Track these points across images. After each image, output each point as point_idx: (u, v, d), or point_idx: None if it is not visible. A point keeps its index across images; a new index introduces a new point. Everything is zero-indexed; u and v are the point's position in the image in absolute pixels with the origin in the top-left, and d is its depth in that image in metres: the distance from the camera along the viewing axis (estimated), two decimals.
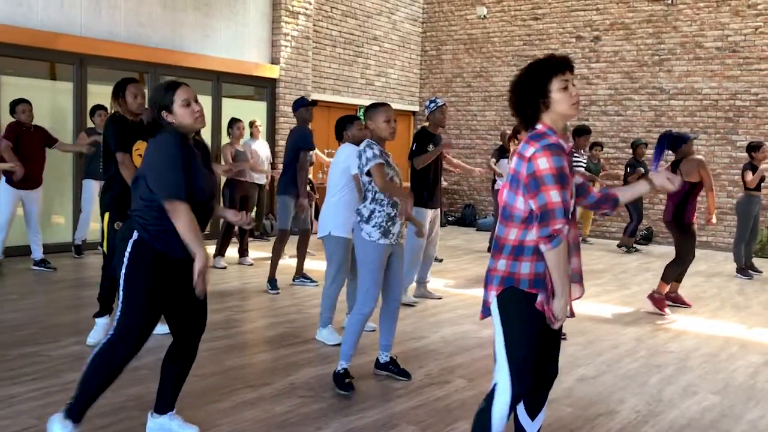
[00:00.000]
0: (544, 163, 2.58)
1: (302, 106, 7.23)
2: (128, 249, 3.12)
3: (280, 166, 10.82)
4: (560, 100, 2.68)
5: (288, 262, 8.32)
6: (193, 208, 3.09)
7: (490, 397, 2.81)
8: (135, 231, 3.13)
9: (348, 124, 5.47)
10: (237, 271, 8.24)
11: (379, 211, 4.24)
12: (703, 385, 4.60)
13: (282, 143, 11.22)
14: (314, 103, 7.40)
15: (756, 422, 3.97)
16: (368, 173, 4.21)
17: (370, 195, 4.27)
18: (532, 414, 2.95)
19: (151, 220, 3.11)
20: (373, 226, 4.24)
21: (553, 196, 2.57)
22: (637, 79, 12.34)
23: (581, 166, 10.09)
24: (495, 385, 2.80)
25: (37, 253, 7.75)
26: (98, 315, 5.05)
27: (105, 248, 4.84)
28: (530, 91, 2.70)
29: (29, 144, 7.36)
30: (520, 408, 2.96)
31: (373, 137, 4.35)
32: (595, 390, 4.40)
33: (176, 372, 3.40)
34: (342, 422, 3.75)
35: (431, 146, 6.49)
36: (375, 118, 4.28)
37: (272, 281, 7.09)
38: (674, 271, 6.68)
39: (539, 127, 2.72)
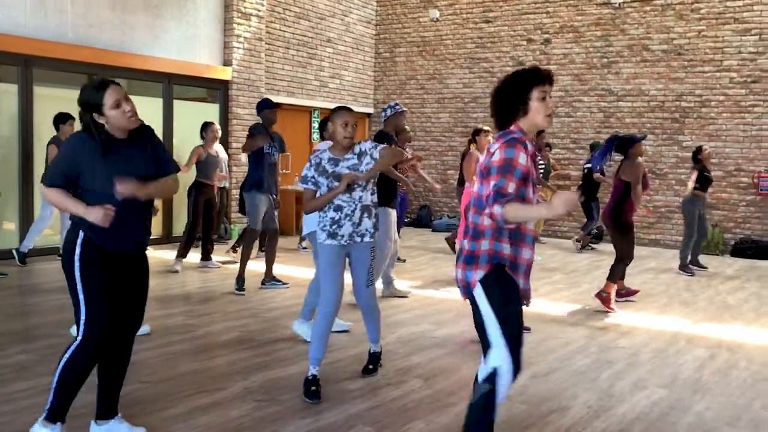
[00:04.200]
0: (498, 155, 2.81)
1: (266, 108, 7.34)
2: (77, 251, 3.18)
3: (234, 168, 10.80)
4: (537, 109, 2.90)
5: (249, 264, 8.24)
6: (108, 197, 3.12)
7: (490, 382, 2.86)
8: (80, 232, 3.20)
9: (328, 123, 5.50)
10: (195, 275, 8.13)
11: (322, 216, 4.32)
12: (652, 379, 4.72)
13: (235, 145, 11.13)
14: (276, 105, 7.47)
15: (702, 414, 4.08)
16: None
17: None
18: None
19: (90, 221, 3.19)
20: (320, 228, 4.33)
21: (501, 181, 2.75)
22: (586, 81, 12.58)
23: (542, 167, 10.26)
24: (495, 369, 2.86)
25: None
26: None
27: None
28: (511, 96, 2.91)
29: None
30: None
31: (331, 139, 4.41)
32: (547, 387, 4.48)
33: (115, 373, 3.41)
34: (298, 425, 3.74)
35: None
36: (334, 120, 4.27)
37: (240, 280, 7.13)
38: (619, 270, 6.85)
39: (511, 128, 2.93)
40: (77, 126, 7.79)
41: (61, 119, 8.08)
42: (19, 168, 8.88)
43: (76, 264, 3.18)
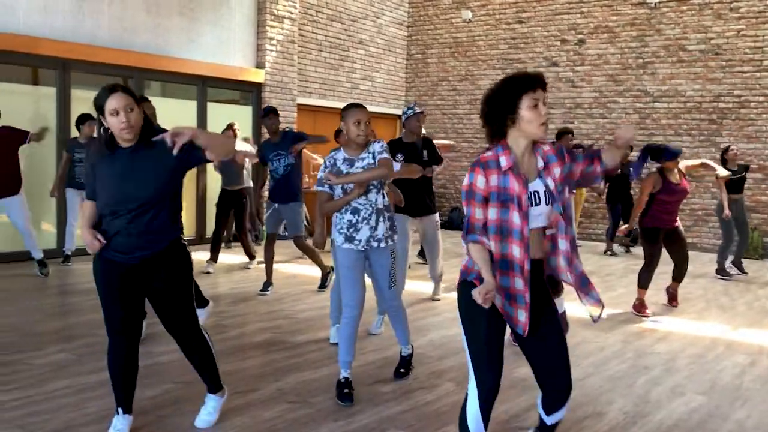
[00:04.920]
0: (465, 180, 2.74)
1: (263, 116, 7.33)
2: (95, 257, 3.40)
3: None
4: (528, 118, 2.67)
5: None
6: (110, 213, 3.27)
7: (463, 404, 2.88)
8: None
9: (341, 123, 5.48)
10: (227, 276, 8.20)
11: (339, 218, 4.29)
12: (690, 385, 4.63)
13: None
14: (275, 111, 7.34)
15: (743, 422, 3.99)
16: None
17: None
18: (547, 411, 2.95)
19: (101, 228, 3.34)
20: (337, 231, 4.30)
21: (467, 209, 2.73)
22: (621, 81, 12.42)
23: None
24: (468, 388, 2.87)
25: (36, 254, 7.66)
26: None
27: None
28: (500, 105, 2.70)
29: None
30: (539, 399, 2.99)
31: (343, 139, 4.34)
32: (582, 392, 4.41)
33: (191, 360, 3.68)
34: (331, 427, 3.73)
35: (399, 156, 6.36)
36: (346, 119, 4.18)
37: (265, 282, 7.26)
38: (645, 276, 6.73)
39: (493, 146, 2.76)
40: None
41: (80, 120, 8.20)
42: (56, 170, 9.04)
43: (93, 268, 3.42)
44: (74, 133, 8.63)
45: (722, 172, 7.50)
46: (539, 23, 13.23)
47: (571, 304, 6.84)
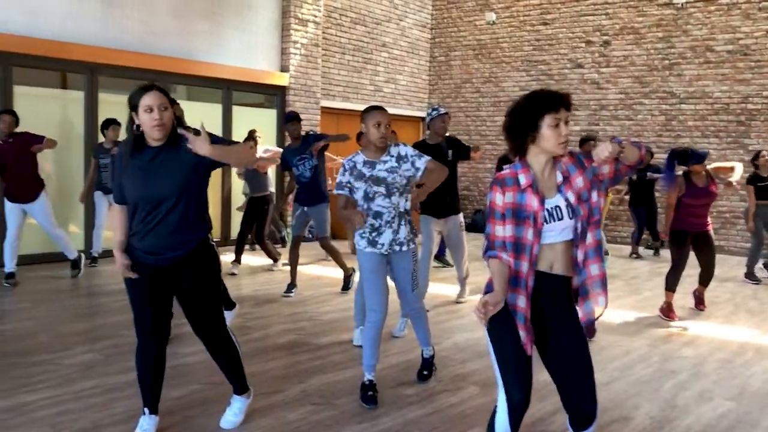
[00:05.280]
0: (487, 198, 2.77)
1: (287, 121, 7.38)
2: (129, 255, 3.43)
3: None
4: (548, 137, 2.66)
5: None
6: (138, 210, 3.31)
7: (492, 413, 2.86)
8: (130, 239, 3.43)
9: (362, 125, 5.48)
10: (252, 278, 8.25)
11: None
12: (718, 390, 4.56)
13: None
14: (297, 117, 7.42)
15: None
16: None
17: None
18: (575, 428, 2.86)
19: (132, 231, 3.39)
20: (359, 235, 4.27)
21: (487, 227, 2.74)
22: (647, 83, 12.30)
23: None
24: (497, 403, 2.84)
25: (70, 254, 7.78)
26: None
27: None
28: (522, 122, 2.70)
29: (11, 157, 7.14)
30: (567, 418, 2.92)
31: (365, 141, 4.32)
32: (608, 396, 4.37)
33: (218, 361, 3.71)
34: (354, 430, 3.74)
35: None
36: (366, 122, 4.18)
37: (289, 283, 7.29)
38: (671, 279, 6.65)
39: (514, 162, 2.78)
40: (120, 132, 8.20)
41: (105, 125, 8.29)
42: (84, 172, 9.17)
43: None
44: (101, 137, 8.74)
45: (735, 177, 7.35)
46: (564, 25, 13.15)
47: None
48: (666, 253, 11.12)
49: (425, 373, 4.60)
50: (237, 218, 9.45)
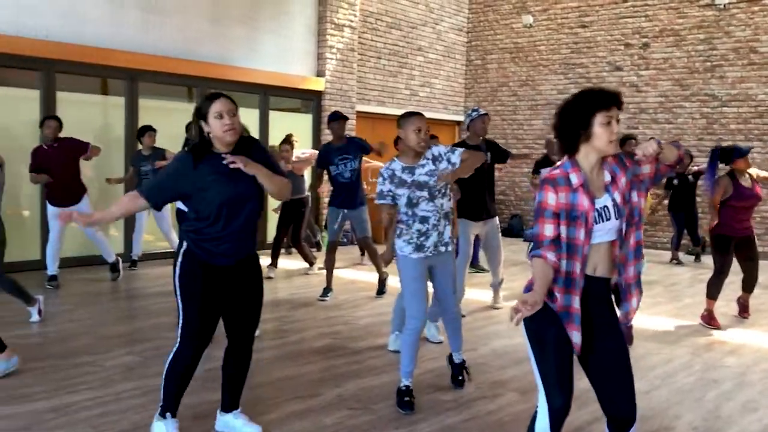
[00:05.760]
0: (536, 198, 2.72)
1: (332, 120, 7.37)
2: (179, 259, 3.38)
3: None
4: (600, 135, 2.64)
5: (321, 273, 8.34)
6: (222, 214, 3.31)
7: (533, 417, 2.82)
8: (184, 242, 3.39)
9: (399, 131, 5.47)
10: (287, 282, 8.30)
11: (406, 229, 4.23)
12: (764, 401, 4.44)
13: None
14: (345, 118, 7.41)
15: None
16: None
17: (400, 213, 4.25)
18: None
19: (193, 232, 3.37)
20: (404, 241, 4.24)
21: (535, 227, 2.69)
22: (688, 86, 12.08)
23: None
24: (536, 408, 2.80)
25: (109, 257, 7.92)
26: None
27: None
28: (574, 120, 2.68)
29: (55, 162, 7.29)
30: (606, 423, 2.87)
31: (403, 147, 4.29)
32: (648, 405, 4.29)
33: (234, 371, 3.62)
34: None
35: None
36: (405, 127, 4.17)
37: (325, 287, 7.30)
38: (713, 286, 6.49)
39: (564, 160, 2.74)
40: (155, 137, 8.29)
41: (141, 132, 8.40)
42: (124, 176, 9.32)
43: (177, 272, 3.39)
44: (138, 144, 8.88)
45: None
46: (602, 27, 12.99)
47: (640, 315, 6.68)
48: (707, 260, 10.89)
49: (461, 378, 4.56)
50: (272, 221, 9.51)
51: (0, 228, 5.59)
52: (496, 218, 6.68)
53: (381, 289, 7.47)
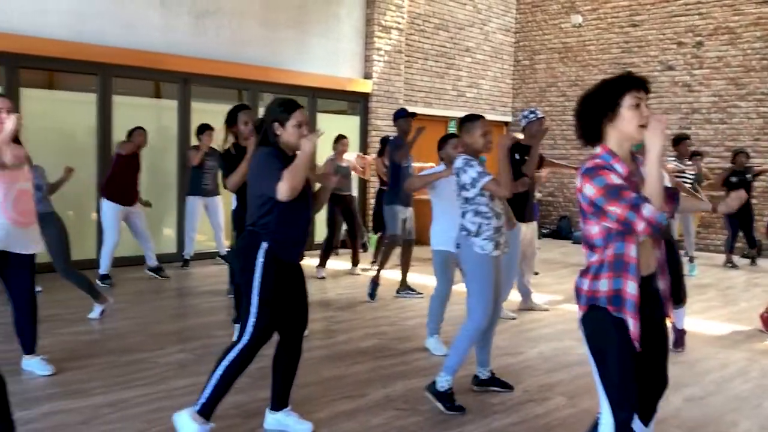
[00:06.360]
0: (590, 189, 2.52)
1: (400, 117, 7.42)
2: (260, 259, 3.43)
3: (372, 179, 10.99)
4: (629, 118, 2.52)
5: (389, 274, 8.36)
6: (294, 208, 3.45)
7: (593, 429, 2.72)
8: (263, 242, 3.44)
9: (443, 144, 5.48)
10: (334, 282, 8.36)
11: (486, 225, 4.16)
12: None
13: (374, 156, 11.33)
14: (413, 114, 7.53)
15: None
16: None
17: (472, 209, 4.19)
18: (646, 419, 2.78)
19: (274, 231, 3.44)
20: (484, 239, 4.15)
21: (616, 209, 2.47)
22: (743, 85, 11.76)
23: (688, 180, 9.44)
24: (599, 416, 2.68)
25: (151, 261, 8.14)
26: (237, 321, 5.28)
27: None
28: (599, 102, 2.57)
29: (123, 163, 7.71)
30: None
31: (467, 151, 4.29)
32: (703, 411, 4.20)
33: (286, 369, 3.69)
34: None
35: (525, 157, 6.32)
36: (472, 131, 4.21)
37: (374, 285, 7.29)
38: None
39: (597, 150, 2.61)
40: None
41: (200, 130, 8.62)
42: (177, 178, 9.53)
43: (257, 271, 3.43)
44: (193, 142, 9.06)
45: None
46: (654, 26, 12.74)
47: (694, 320, 6.55)
48: (764, 263, 10.59)
49: (503, 381, 4.53)
50: (321, 222, 9.58)
51: (60, 224, 5.86)
52: (535, 222, 6.83)
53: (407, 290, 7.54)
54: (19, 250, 4.33)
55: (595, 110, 2.58)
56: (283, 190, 3.32)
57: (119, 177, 7.68)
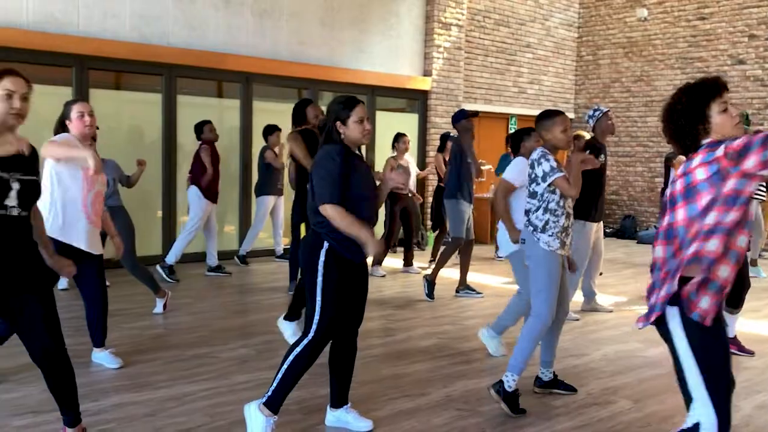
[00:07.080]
0: (703, 173, 2.49)
1: (463, 117, 7.37)
2: (322, 258, 3.46)
3: (431, 177, 10.94)
4: (722, 123, 2.53)
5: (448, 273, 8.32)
6: (359, 206, 3.46)
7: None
8: (325, 241, 3.46)
9: (525, 137, 5.40)
10: (393, 280, 8.35)
11: (554, 222, 4.08)
12: None
13: (432, 154, 11.29)
14: (474, 113, 7.53)
15: None
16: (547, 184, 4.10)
17: (542, 206, 4.11)
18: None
19: (334, 230, 3.44)
20: (550, 236, 4.07)
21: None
22: None
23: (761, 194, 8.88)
24: (697, 424, 2.50)
25: (213, 260, 8.32)
26: (288, 318, 5.35)
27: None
28: (688, 118, 2.56)
29: (215, 161, 8.06)
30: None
31: (546, 147, 4.19)
32: (760, 424, 4.03)
33: (343, 366, 3.72)
34: None
35: (602, 157, 6.24)
36: (552, 128, 4.10)
37: (431, 285, 7.25)
38: None
39: (707, 141, 2.56)
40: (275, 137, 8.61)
41: (268, 131, 8.74)
42: (240, 177, 9.68)
43: (320, 270, 3.47)
44: (256, 143, 9.19)
45: None
46: (723, 19, 12.31)
47: (764, 323, 6.30)
48: None
49: (566, 383, 4.45)
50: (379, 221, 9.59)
51: (128, 219, 6.06)
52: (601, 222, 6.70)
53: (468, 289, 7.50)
54: (92, 250, 4.48)
55: (687, 126, 2.58)
56: (329, 214, 3.39)
57: (214, 172, 7.99)
